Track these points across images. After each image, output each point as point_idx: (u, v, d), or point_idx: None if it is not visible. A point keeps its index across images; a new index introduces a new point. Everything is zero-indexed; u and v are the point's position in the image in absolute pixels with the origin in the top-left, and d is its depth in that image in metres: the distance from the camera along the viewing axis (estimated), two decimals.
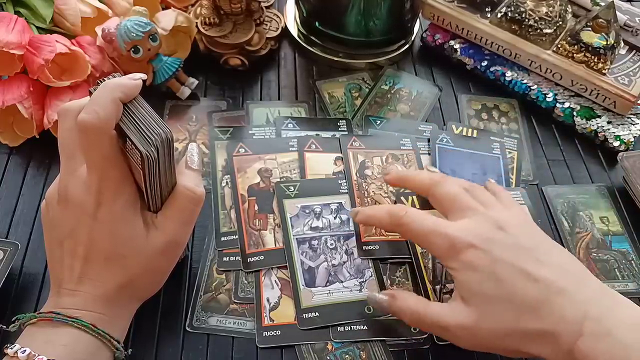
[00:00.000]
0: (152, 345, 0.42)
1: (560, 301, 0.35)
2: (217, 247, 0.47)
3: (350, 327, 0.43)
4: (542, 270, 0.36)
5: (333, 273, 0.45)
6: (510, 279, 0.36)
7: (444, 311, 0.38)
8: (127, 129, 0.35)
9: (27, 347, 0.33)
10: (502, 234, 0.38)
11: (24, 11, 0.52)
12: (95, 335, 0.35)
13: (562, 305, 0.34)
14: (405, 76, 0.61)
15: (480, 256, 0.37)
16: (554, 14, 0.58)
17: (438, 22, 0.62)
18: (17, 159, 0.52)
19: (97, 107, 0.34)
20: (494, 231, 0.38)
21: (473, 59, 0.61)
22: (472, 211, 0.40)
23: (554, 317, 0.34)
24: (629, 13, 0.62)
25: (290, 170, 0.51)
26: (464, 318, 0.36)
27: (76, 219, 0.36)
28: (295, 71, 0.61)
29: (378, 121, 0.56)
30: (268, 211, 0.49)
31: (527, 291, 0.35)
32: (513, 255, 0.37)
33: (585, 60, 0.56)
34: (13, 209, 0.49)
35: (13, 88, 0.48)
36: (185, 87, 0.56)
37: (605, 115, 0.56)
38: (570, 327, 0.34)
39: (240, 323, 0.43)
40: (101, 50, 0.52)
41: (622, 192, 0.53)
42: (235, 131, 0.54)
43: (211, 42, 0.58)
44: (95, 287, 0.36)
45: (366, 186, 0.51)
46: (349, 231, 0.48)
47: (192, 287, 0.44)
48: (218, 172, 0.51)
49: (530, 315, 0.35)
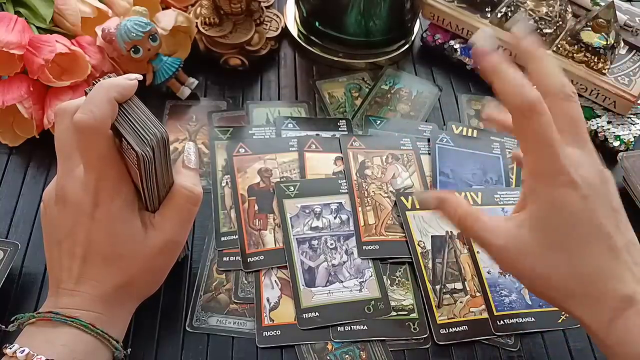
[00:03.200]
0: (152, 345, 0.42)
1: (620, 271, 0.33)
2: (217, 247, 0.47)
3: (350, 327, 0.43)
4: (619, 240, 0.34)
5: (333, 273, 0.45)
6: (588, 239, 0.33)
7: (497, 226, 0.35)
8: (122, 129, 0.35)
9: (26, 347, 0.33)
10: (603, 187, 0.35)
11: (24, 11, 0.52)
12: (94, 334, 0.35)
13: (621, 274, 0.33)
14: (405, 76, 0.61)
15: (576, 200, 0.33)
16: (554, 14, 0.58)
17: (438, 22, 0.62)
18: (17, 159, 0.52)
19: (93, 106, 0.34)
20: (598, 178, 0.35)
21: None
22: (585, 144, 0.36)
23: (609, 284, 0.33)
24: (629, 13, 0.62)
25: (290, 170, 0.51)
26: (516, 243, 0.34)
27: (74, 219, 0.36)
28: (295, 71, 0.61)
29: (378, 121, 0.56)
30: (268, 211, 0.49)
31: (596, 251, 0.33)
32: (604, 215, 0.34)
33: (585, 60, 0.56)
34: (13, 209, 0.49)
35: (13, 88, 0.48)
36: (185, 87, 0.56)
37: (605, 115, 0.56)
38: (621, 297, 0.33)
39: (240, 323, 0.43)
40: (101, 50, 0.52)
41: (622, 192, 0.53)
42: (235, 131, 0.54)
43: (211, 42, 0.58)
44: (94, 287, 0.36)
45: (366, 186, 0.51)
46: (349, 231, 0.48)
47: (192, 287, 0.44)
48: (218, 172, 0.51)
49: (585, 274, 0.33)
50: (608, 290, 0.33)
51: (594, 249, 0.34)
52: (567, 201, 0.33)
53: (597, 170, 0.35)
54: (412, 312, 0.44)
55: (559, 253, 0.34)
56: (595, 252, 0.34)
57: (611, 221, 0.34)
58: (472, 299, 0.45)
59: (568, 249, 0.34)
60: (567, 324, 0.44)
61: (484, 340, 0.43)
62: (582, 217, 0.34)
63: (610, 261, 0.33)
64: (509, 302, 0.45)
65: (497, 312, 0.44)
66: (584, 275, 0.34)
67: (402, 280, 0.46)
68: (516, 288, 0.46)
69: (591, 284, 0.33)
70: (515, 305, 0.45)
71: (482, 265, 0.47)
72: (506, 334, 0.44)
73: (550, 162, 0.34)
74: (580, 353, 0.43)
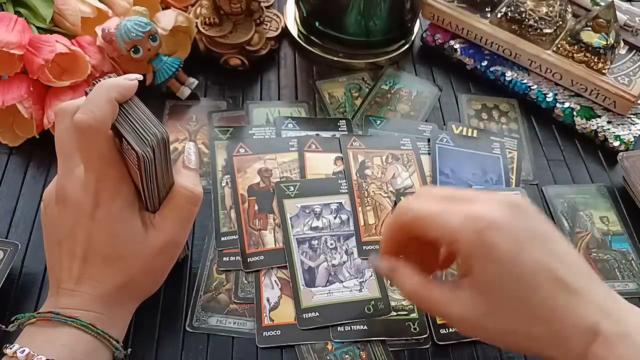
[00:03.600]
0: (152, 345, 0.42)
1: (575, 303, 0.32)
2: (217, 247, 0.47)
3: (350, 327, 0.43)
4: (561, 270, 0.32)
5: (333, 273, 0.45)
6: (532, 276, 0.32)
7: (448, 299, 0.34)
8: (123, 129, 0.35)
9: (26, 347, 0.33)
10: (523, 217, 0.33)
11: (24, 11, 0.52)
12: (94, 334, 0.35)
13: (578, 307, 0.32)
14: (405, 76, 0.61)
15: (505, 240, 0.32)
16: (554, 13, 0.58)
17: (438, 22, 0.62)
18: (17, 159, 0.52)
19: (93, 107, 0.34)
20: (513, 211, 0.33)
21: (473, 59, 0.61)
22: (478, 197, 0.35)
23: (569, 320, 0.32)
24: (629, 13, 0.62)
25: (290, 170, 0.51)
26: (469, 310, 0.33)
27: (74, 219, 0.36)
28: (295, 71, 0.61)
29: (378, 121, 0.56)
30: (268, 211, 0.49)
31: (545, 292, 0.32)
32: (539, 246, 0.33)
33: (585, 60, 0.56)
34: (13, 209, 0.49)
35: (13, 88, 0.48)
36: (185, 87, 0.56)
37: (605, 115, 0.56)
38: (584, 330, 0.31)
39: (240, 323, 0.43)
40: (101, 50, 0.52)
41: (622, 192, 0.53)
42: (235, 131, 0.54)
43: (211, 42, 0.58)
44: (94, 287, 0.36)
45: (366, 186, 0.51)
46: (349, 231, 0.48)
47: (192, 287, 0.44)
48: (218, 172, 0.51)
49: (543, 318, 0.32)
50: (569, 327, 0.32)
51: (543, 288, 0.32)
52: (496, 245, 0.32)
53: (501, 208, 0.33)
54: (412, 312, 0.44)
55: (509, 302, 0.33)
56: (544, 291, 0.32)
57: (545, 253, 0.32)
58: None
59: (519, 297, 0.32)
60: None
61: None
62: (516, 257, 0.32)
63: (562, 295, 0.32)
64: None
65: None
66: (544, 318, 0.32)
67: None
68: None
69: (552, 324, 0.32)
70: None
71: None
72: None
73: (458, 218, 0.33)
74: None
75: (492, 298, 0.33)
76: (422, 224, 0.35)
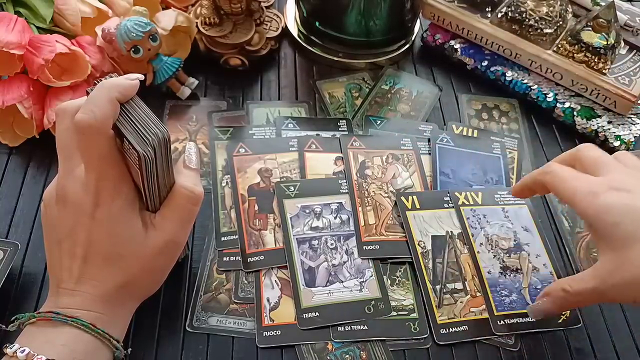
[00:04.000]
0: (152, 345, 0.42)
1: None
2: (217, 247, 0.47)
3: (350, 327, 0.43)
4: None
5: (333, 273, 0.45)
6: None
7: (587, 278, 0.37)
8: (124, 128, 0.35)
9: (26, 347, 0.33)
10: None
11: (24, 11, 0.52)
12: (94, 334, 0.35)
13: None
14: (406, 76, 0.61)
15: (622, 195, 0.36)
16: (554, 13, 0.58)
17: (438, 22, 0.62)
18: (17, 159, 0.52)
19: (94, 106, 0.34)
20: (636, 180, 0.37)
21: (473, 59, 0.61)
22: (615, 166, 0.39)
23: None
24: (629, 13, 0.62)
25: (290, 170, 0.51)
26: (607, 272, 0.36)
27: (74, 219, 0.36)
28: (295, 71, 0.61)
29: (378, 121, 0.56)
30: (268, 211, 0.49)
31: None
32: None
33: (585, 60, 0.56)
34: (13, 209, 0.49)
35: (13, 88, 0.48)
36: (185, 87, 0.56)
37: (605, 115, 0.56)
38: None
39: (240, 323, 0.43)
40: (101, 50, 0.52)
41: None
42: (235, 131, 0.54)
43: (211, 42, 0.58)
44: (94, 287, 0.36)
45: (366, 186, 0.51)
46: (349, 231, 0.48)
47: (192, 287, 0.44)
48: (218, 172, 0.51)
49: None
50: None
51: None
52: (614, 202, 0.36)
53: (629, 177, 0.37)
54: (412, 312, 0.44)
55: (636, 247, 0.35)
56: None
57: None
58: (472, 298, 0.45)
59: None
60: (567, 324, 0.44)
61: (484, 340, 0.43)
62: (632, 204, 0.35)
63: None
64: (509, 302, 0.45)
65: (497, 312, 0.44)
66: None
67: (402, 280, 0.46)
68: (516, 288, 0.46)
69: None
70: (516, 305, 0.45)
71: (483, 265, 0.47)
72: (506, 334, 0.44)
73: (583, 185, 0.37)
74: (580, 353, 0.43)
75: (618, 248, 0.35)
76: (556, 185, 0.40)
